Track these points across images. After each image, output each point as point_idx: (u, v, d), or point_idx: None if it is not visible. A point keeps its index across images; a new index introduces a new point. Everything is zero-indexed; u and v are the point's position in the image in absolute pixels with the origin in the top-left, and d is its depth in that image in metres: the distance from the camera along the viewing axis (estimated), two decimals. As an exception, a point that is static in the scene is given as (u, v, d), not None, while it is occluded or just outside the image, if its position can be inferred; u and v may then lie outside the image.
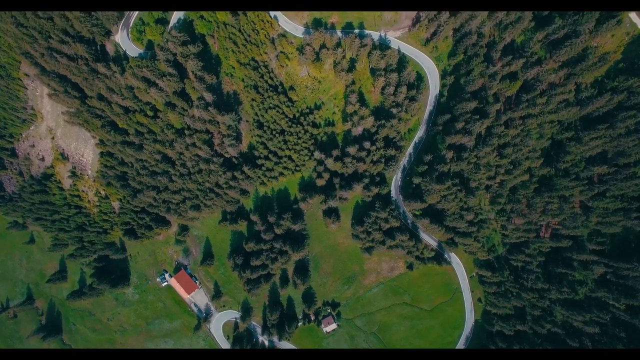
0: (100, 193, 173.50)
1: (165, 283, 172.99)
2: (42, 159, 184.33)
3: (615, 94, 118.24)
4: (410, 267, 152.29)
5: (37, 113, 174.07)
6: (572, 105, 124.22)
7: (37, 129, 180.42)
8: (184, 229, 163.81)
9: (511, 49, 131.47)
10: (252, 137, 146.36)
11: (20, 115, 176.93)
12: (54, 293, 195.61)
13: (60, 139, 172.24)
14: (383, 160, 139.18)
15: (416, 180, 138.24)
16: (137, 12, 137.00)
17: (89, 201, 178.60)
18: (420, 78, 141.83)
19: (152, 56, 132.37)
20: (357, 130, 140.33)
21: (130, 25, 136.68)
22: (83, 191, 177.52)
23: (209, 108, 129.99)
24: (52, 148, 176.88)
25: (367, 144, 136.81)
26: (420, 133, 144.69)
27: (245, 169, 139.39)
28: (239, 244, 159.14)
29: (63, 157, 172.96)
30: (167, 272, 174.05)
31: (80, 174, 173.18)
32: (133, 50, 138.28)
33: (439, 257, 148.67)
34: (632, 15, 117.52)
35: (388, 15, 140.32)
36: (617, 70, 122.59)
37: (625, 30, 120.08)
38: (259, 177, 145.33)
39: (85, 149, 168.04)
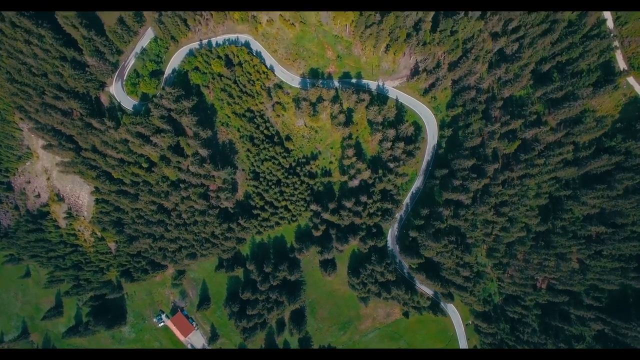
0: (96, 234, 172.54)
1: (162, 324, 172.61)
2: (38, 196, 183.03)
3: (613, 155, 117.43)
4: (406, 314, 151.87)
5: (32, 152, 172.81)
6: (570, 164, 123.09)
7: (32, 166, 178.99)
8: (180, 272, 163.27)
9: (510, 102, 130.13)
10: (248, 185, 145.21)
11: (16, 152, 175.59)
12: (49, 327, 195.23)
13: (56, 180, 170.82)
14: (380, 213, 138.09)
15: (413, 234, 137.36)
16: (131, 62, 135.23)
17: (85, 240, 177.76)
18: (419, 128, 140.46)
19: (146, 111, 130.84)
20: (354, 183, 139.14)
21: (125, 77, 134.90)
22: (79, 230, 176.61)
23: (204, 164, 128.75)
24: (48, 187, 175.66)
25: (363, 198, 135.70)
26: (417, 183, 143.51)
27: (241, 221, 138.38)
28: (236, 289, 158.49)
29: (59, 197, 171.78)
30: (163, 312, 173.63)
31: (76, 214, 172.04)
32: (127, 101, 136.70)
33: (435, 307, 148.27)
34: (630, 79, 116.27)
35: (386, 64, 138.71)
36: (614, 129, 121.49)
37: (622, 92, 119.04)
38: (255, 226, 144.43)
39: (80, 192, 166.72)
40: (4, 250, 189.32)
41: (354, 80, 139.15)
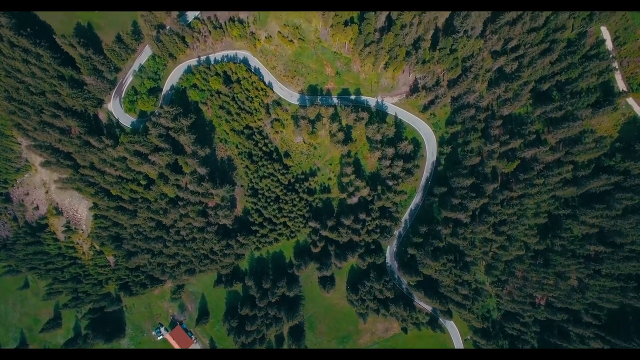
0: (95, 247, 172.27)
1: (161, 337, 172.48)
2: (37, 208, 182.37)
3: (612, 174, 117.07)
4: (404, 329, 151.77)
5: (31, 165, 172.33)
6: (569, 184, 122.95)
7: (31, 178, 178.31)
8: (179, 286, 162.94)
9: (509, 120, 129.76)
10: (246, 201, 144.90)
11: (14, 164, 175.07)
12: (47, 338, 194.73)
13: (54, 194, 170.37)
14: (378, 230, 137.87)
15: (411, 251, 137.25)
16: (129, 79, 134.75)
17: (83, 253, 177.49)
18: (418, 144, 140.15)
19: (144, 129, 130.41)
20: (353, 200, 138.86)
21: (123, 94, 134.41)
22: (77, 243, 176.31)
23: (203, 183, 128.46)
24: (47, 200, 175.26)
25: (362, 215, 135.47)
26: (416, 199, 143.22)
27: (239, 238, 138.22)
28: (235, 303, 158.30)
29: (57, 211, 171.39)
30: (162, 325, 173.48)
31: (75, 228, 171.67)
32: (126, 119, 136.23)
33: (433, 322, 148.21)
34: (629, 99, 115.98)
35: (385, 81, 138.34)
36: (613, 148, 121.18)
37: (621, 111, 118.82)
38: (253, 242, 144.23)
39: (79, 206, 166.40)
40: (2, 262, 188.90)
41: (352, 97, 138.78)
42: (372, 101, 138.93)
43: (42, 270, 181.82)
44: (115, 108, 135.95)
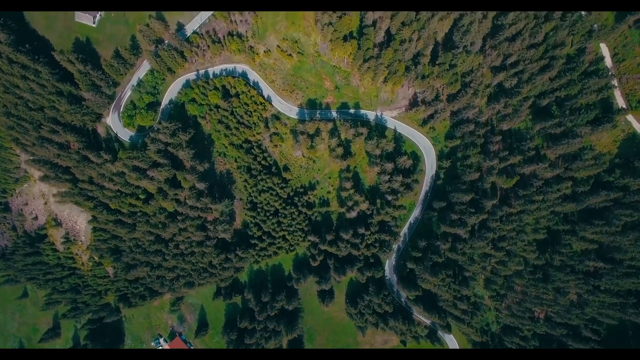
0: (94, 258, 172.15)
1: (160, 348, 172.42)
2: (36, 218, 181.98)
3: (611, 191, 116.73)
4: (403, 342, 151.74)
5: (30, 176, 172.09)
6: (569, 200, 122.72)
7: (30, 188, 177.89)
8: (178, 298, 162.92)
9: (509, 134, 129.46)
10: (245, 215, 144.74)
11: (13, 174, 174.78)
12: (46, 348, 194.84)
13: (53, 205, 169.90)
14: (377, 245, 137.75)
15: (410, 265, 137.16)
16: (128, 93, 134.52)
17: (82, 264, 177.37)
18: (417, 158, 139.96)
19: (142, 145, 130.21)
20: (352, 214, 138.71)
21: (121, 108, 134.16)
22: (77, 254, 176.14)
23: (202, 198, 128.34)
24: (45, 210, 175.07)
25: (361, 230, 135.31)
26: (415, 213, 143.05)
27: (239, 252, 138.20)
28: (234, 315, 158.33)
29: (56, 222, 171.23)
30: (161, 336, 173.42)
31: (74, 239, 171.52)
32: (124, 132, 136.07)
33: (432, 335, 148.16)
34: (629, 117, 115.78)
35: (384, 95, 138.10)
36: (612, 164, 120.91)
37: (621, 128, 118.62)
38: (252, 255, 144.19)
39: (78, 217, 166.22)
40: (1, 272, 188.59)
41: (352, 111, 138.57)
42: (371, 115, 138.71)
43: (41, 281, 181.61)
44: (113, 122, 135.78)
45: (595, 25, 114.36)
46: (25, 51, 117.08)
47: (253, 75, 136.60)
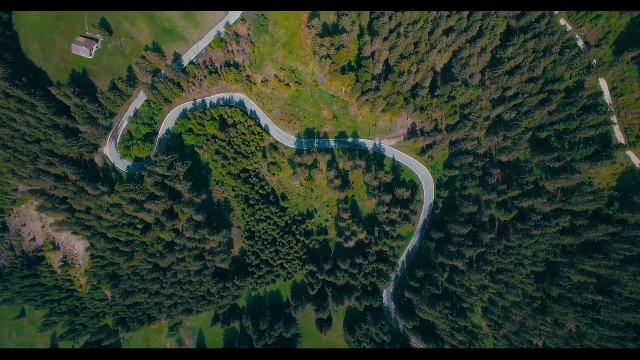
0: (92, 282, 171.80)
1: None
2: (34, 239, 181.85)
3: (610, 225, 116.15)
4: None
5: (27, 199, 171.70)
6: (567, 233, 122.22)
7: (28, 210, 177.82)
8: (177, 322, 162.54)
9: (508, 166, 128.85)
10: (243, 243, 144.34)
11: (11, 197, 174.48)
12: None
13: (51, 228, 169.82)
14: (375, 274, 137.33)
15: (408, 295, 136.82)
16: (125, 124, 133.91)
17: (80, 286, 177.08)
18: (415, 187, 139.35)
19: (139, 177, 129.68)
20: (350, 244, 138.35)
21: (118, 139, 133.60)
22: (75, 277, 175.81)
23: (199, 230, 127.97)
24: (43, 233, 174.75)
25: (359, 260, 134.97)
26: (414, 242, 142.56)
27: (237, 281, 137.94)
28: (232, 340, 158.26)
29: (54, 246, 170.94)
30: None
31: (72, 263, 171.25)
32: (122, 163, 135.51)
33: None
34: (629, 152, 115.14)
35: (383, 124, 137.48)
36: (611, 197, 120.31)
37: (619, 162, 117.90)
38: (250, 283, 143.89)
39: (76, 242, 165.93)
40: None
41: (350, 140, 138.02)
42: (369, 144, 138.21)
43: (39, 302, 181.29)
44: (111, 152, 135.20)
45: (594, 61, 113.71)
46: (21, 85, 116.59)
47: (250, 105, 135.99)
